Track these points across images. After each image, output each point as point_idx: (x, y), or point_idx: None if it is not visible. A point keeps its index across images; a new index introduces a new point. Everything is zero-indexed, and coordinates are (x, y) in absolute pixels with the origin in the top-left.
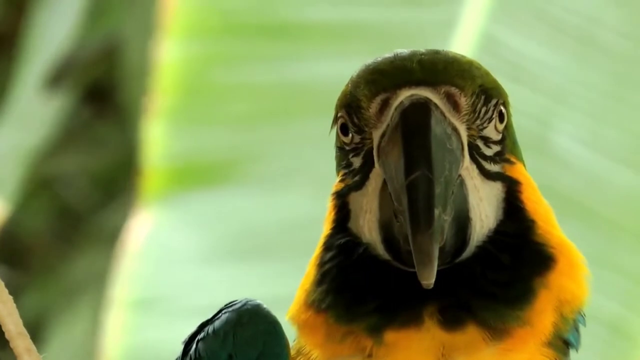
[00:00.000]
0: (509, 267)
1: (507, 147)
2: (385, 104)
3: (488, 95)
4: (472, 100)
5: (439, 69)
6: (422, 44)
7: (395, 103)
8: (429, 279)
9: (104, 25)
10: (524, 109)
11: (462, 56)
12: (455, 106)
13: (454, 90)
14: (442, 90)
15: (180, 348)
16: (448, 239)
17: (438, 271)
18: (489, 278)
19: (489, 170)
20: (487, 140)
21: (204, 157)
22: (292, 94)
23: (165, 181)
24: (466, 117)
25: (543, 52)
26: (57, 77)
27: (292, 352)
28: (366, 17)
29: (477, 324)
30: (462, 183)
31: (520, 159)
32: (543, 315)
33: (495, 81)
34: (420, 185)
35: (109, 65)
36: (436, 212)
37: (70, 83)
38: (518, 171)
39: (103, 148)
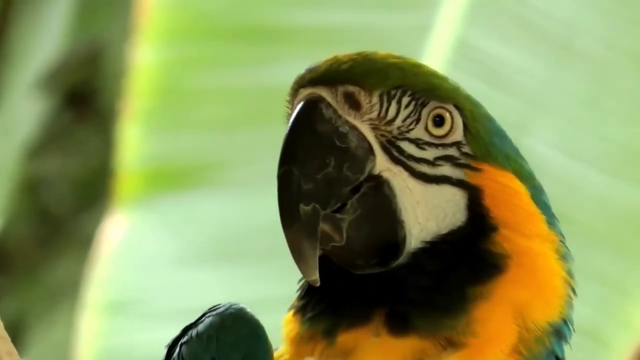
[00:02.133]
0: (441, 275)
1: (473, 152)
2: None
3: (414, 97)
4: (380, 100)
5: (342, 69)
6: (397, 48)
7: (296, 102)
8: (308, 276)
9: (86, 30)
10: (499, 113)
11: (389, 57)
12: (354, 105)
13: (352, 89)
14: (340, 89)
15: (163, 352)
16: (356, 238)
17: (385, 273)
18: (419, 285)
19: (426, 173)
20: (418, 143)
21: (179, 161)
22: (268, 97)
23: (140, 184)
24: (369, 116)
25: (519, 57)
26: (41, 82)
27: (276, 354)
28: (342, 21)
29: (417, 331)
30: (383, 183)
31: (506, 166)
32: (491, 324)
33: (433, 84)
34: (284, 181)
35: (90, 69)
36: (306, 208)
37: (52, 87)
38: (486, 177)
39: (84, 152)
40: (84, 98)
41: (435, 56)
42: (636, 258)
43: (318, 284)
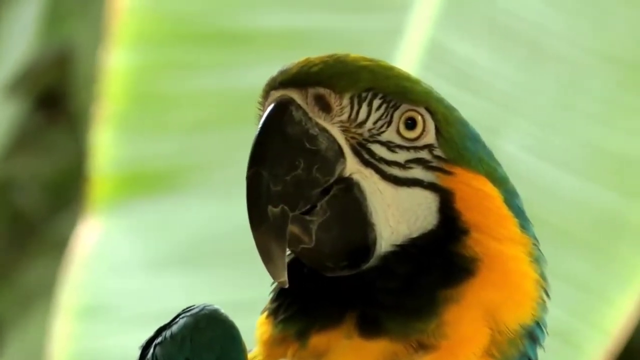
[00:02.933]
0: (411, 278)
1: (445, 155)
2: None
3: (385, 100)
4: (351, 102)
5: (312, 71)
6: (369, 51)
7: (267, 104)
8: (277, 278)
9: (58, 32)
10: (471, 116)
11: (361, 59)
12: (325, 107)
13: (323, 91)
14: (311, 91)
15: (137, 353)
16: (326, 240)
17: (356, 275)
18: (388, 288)
19: (397, 176)
20: (390, 145)
21: (152, 165)
22: (240, 101)
23: (113, 188)
24: (339, 118)
25: (490, 60)
26: (12, 84)
27: (249, 356)
28: (315, 24)
29: (389, 333)
30: (353, 186)
31: (478, 170)
32: (462, 327)
33: (405, 87)
34: (252, 183)
35: (61, 72)
36: (274, 210)
37: (23, 90)
38: (458, 181)
39: (55, 155)
40: (55, 101)
41: (407, 59)
42: (609, 260)
43: (287, 286)
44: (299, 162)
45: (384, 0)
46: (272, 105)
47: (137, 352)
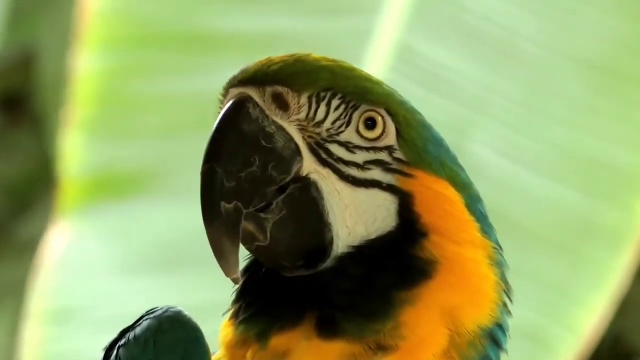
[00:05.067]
0: (366, 279)
1: (406, 158)
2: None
3: (344, 100)
4: (309, 102)
5: (271, 70)
6: (338, 54)
7: (225, 101)
8: (229, 275)
9: (21, 33)
10: (439, 118)
11: (322, 60)
12: (283, 106)
13: (281, 90)
14: (269, 90)
15: (100, 355)
16: (281, 239)
17: (314, 276)
18: (343, 289)
19: (355, 177)
20: (348, 146)
21: (121, 169)
22: (208, 105)
23: (82, 192)
24: (297, 117)
25: (460, 62)
26: None
27: (214, 358)
28: (284, 27)
29: (346, 335)
30: (310, 185)
31: (440, 174)
32: (420, 329)
33: (365, 87)
34: (206, 179)
35: (25, 74)
36: (228, 206)
37: None
38: (418, 184)
39: (18, 157)
40: (18, 103)
41: (376, 61)
42: (578, 261)
43: (239, 283)
44: (254, 159)
45: (352, 3)
46: (230, 103)
47: (101, 354)
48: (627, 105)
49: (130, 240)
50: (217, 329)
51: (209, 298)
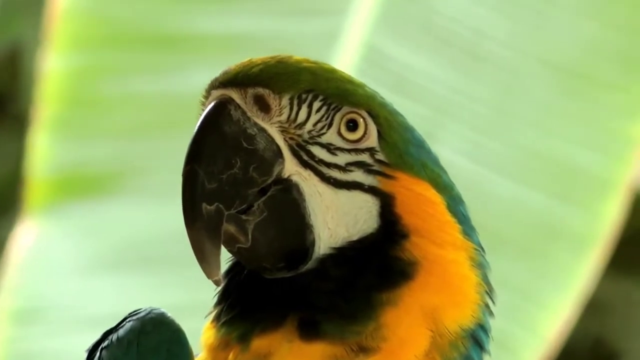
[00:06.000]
0: (346, 281)
1: (387, 159)
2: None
3: (326, 102)
4: (290, 103)
5: (252, 72)
6: (305, 55)
7: (207, 102)
8: (210, 276)
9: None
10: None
11: (303, 61)
12: (264, 108)
13: (262, 91)
14: (250, 91)
15: (84, 356)
16: (263, 241)
17: (295, 278)
18: (324, 290)
19: (337, 178)
20: (330, 147)
21: (89, 169)
22: (177, 105)
23: (50, 192)
24: (278, 119)
25: (427, 64)
26: None
27: None
28: (252, 28)
29: (327, 336)
30: (292, 187)
31: (421, 175)
32: (401, 330)
33: (346, 89)
34: (188, 180)
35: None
36: (209, 207)
37: None
38: (400, 185)
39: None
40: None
41: (344, 63)
42: (543, 264)
43: (220, 285)
44: (235, 160)
45: (321, 5)
46: (211, 104)
47: (84, 356)
48: (593, 108)
49: (97, 240)
50: (187, 330)
51: (176, 297)
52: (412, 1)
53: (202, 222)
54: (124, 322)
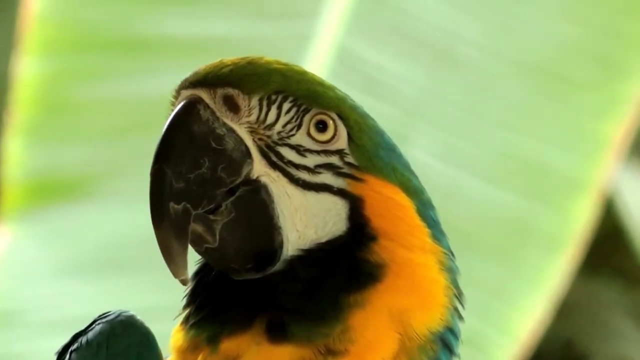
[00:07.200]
0: (314, 282)
1: (357, 162)
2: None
3: (295, 103)
4: (260, 104)
5: (222, 72)
6: (277, 57)
7: (177, 102)
8: (177, 276)
9: None
10: (378, 121)
11: (274, 63)
12: (233, 108)
13: (232, 91)
14: (220, 91)
15: (53, 359)
16: (231, 241)
17: (263, 279)
18: (291, 292)
19: (306, 180)
20: (299, 149)
21: (62, 173)
22: (150, 108)
23: (24, 196)
24: (247, 119)
25: (400, 66)
26: None
27: None
28: (223, 30)
29: (295, 339)
30: (260, 188)
31: (391, 179)
32: (368, 332)
33: (316, 91)
34: (155, 179)
35: None
36: (176, 207)
37: None
38: (369, 188)
39: None
40: None
41: (316, 65)
42: (515, 265)
43: (187, 284)
44: (203, 160)
45: (292, 7)
46: (180, 104)
47: (53, 358)
48: (565, 109)
49: (71, 244)
50: (157, 333)
51: (150, 300)
52: (384, 3)
53: (169, 222)
54: (94, 325)
